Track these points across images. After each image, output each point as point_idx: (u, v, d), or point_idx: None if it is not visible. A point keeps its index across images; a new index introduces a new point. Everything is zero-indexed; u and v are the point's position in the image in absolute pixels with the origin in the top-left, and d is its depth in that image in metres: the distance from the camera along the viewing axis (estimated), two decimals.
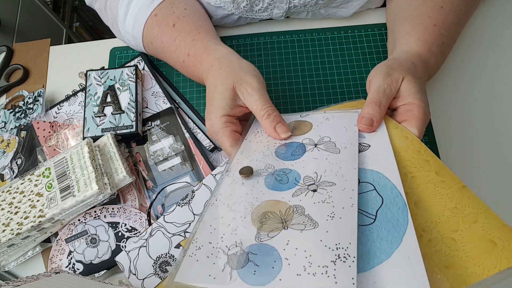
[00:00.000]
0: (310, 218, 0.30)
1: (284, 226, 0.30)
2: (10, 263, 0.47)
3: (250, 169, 0.36)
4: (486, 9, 0.57)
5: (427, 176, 0.31)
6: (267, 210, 0.32)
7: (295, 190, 0.33)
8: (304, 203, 0.31)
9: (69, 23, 1.41)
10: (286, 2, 0.52)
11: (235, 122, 0.41)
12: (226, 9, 0.53)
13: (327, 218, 0.29)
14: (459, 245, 0.26)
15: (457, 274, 0.25)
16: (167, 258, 0.43)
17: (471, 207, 0.28)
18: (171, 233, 0.44)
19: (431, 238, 0.28)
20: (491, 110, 0.51)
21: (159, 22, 0.49)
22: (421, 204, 0.30)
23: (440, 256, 0.26)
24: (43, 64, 0.61)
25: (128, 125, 0.50)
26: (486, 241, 0.26)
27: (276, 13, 0.55)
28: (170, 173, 0.50)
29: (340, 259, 0.26)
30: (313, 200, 0.31)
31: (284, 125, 0.39)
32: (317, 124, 0.40)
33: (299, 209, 0.31)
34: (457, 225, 0.27)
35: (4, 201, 0.47)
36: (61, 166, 0.47)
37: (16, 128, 0.55)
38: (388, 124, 0.37)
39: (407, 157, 0.33)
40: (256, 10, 0.54)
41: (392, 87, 0.37)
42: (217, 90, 0.41)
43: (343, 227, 0.28)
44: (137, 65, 0.55)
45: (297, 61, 0.56)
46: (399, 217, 0.28)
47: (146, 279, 0.43)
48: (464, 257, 0.26)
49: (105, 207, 0.48)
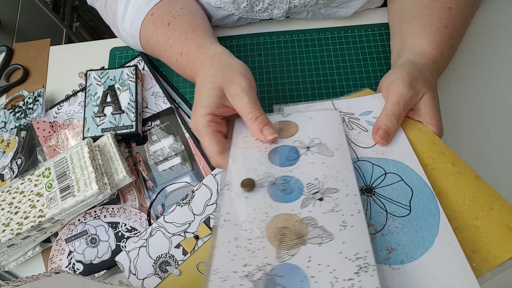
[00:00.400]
0: (324, 230, 0.29)
1: (301, 241, 0.29)
2: (10, 263, 0.47)
3: (251, 181, 0.33)
4: (490, 5, 0.57)
5: (445, 168, 0.32)
6: (281, 226, 0.30)
7: (302, 200, 0.32)
8: (314, 214, 0.30)
9: (69, 23, 1.41)
10: (286, 2, 0.52)
11: (219, 122, 0.40)
12: (226, 10, 0.53)
13: (340, 228, 0.28)
14: (481, 231, 0.28)
15: (483, 258, 0.27)
16: (167, 258, 0.43)
17: (487, 195, 0.30)
18: (171, 233, 0.44)
19: (457, 226, 0.29)
20: (495, 108, 0.51)
21: (155, 21, 0.49)
22: (443, 195, 0.31)
23: (467, 243, 0.28)
24: (43, 64, 0.61)
25: (128, 125, 0.50)
26: (503, 227, 0.28)
27: (276, 13, 0.55)
28: (170, 173, 0.50)
29: (362, 269, 0.25)
30: (322, 210, 0.30)
31: (271, 127, 0.37)
32: (302, 125, 0.39)
33: (312, 222, 0.30)
34: (477, 213, 0.29)
35: (4, 201, 0.47)
36: (61, 166, 0.47)
37: (16, 128, 0.55)
38: None
39: (423, 149, 0.33)
40: (256, 11, 0.54)
41: (413, 100, 0.36)
42: (204, 87, 0.40)
43: (356, 236, 0.27)
44: (137, 65, 0.55)
45: (297, 61, 0.56)
46: (431, 206, 0.29)
47: (146, 279, 0.43)
48: (487, 242, 0.28)
49: (105, 207, 0.48)
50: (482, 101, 0.52)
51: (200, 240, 0.44)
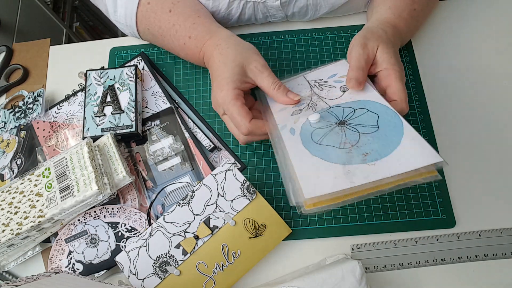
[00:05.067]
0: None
1: None
2: (10, 263, 0.47)
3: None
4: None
5: None
6: None
7: None
8: None
9: (69, 23, 1.40)
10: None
11: (243, 96, 0.45)
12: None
13: None
14: None
15: None
16: (167, 258, 0.43)
17: None
18: (171, 233, 0.44)
19: None
20: (489, 102, 0.51)
21: (155, 9, 0.52)
22: None
23: None
24: (43, 64, 0.61)
25: (128, 125, 0.50)
26: None
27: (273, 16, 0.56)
28: (170, 173, 0.50)
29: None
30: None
31: (293, 92, 0.44)
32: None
33: None
34: None
35: (4, 201, 0.47)
36: (61, 166, 0.47)
37: (15, 128, 0.55)
38: None
39: None
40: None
41: (369, 55, 0.44)
42: (227, 66, 0.45)
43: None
44: (137, 65, 0.55)
45: (297, 61, 0.56)
46: (395, 121, 0.37)
47: (146, 279, 0.43)
48: None
49: (105, 207, 0.48)
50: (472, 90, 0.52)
51: (200, 240, 0.44)
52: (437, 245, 0.45)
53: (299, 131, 0.41)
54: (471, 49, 0.55)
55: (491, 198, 0.47)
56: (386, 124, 0.38)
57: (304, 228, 0.47)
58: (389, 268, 0.45)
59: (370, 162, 0.35)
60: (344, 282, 0.41)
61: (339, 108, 0.42)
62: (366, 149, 0.36)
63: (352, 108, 0.41)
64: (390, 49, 0.44)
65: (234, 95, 0.43)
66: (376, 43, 0.44)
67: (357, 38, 0.46)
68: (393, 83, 0.42)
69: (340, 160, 0.36)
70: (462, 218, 0.46)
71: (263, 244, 0.44)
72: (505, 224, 0.46)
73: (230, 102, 0.43)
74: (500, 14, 0.58)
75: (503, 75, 0.53)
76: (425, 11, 0.53)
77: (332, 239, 0.47)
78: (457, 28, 0.57)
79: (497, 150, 0.49)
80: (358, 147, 0.36)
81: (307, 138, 0.40)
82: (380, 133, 0.37)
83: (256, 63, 0.44)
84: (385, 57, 0.43)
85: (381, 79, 0.44)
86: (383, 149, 0.35)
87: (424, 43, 0.56)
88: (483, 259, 0.45)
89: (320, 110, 0.43)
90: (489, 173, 0.48)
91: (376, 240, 0.46)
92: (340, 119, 0.40)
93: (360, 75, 0.43)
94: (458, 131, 0.51)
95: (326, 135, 0.39)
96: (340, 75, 0.46)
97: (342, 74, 0.46)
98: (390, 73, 0.43)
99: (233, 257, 0.43)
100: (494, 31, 0.56)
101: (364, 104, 0.41)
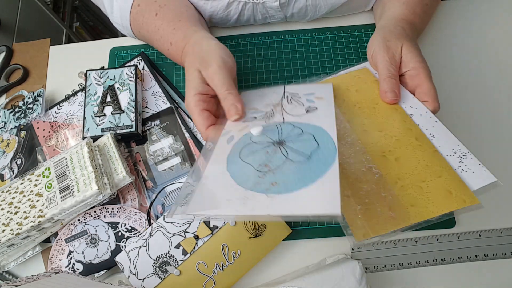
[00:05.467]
0: None
1: None
2: (10, 263, 0.47)
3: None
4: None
5: (408, 140, 0.39)
6: None
7: None
8: None
9: (69, 23, 1.40)
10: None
11: (207, 100, 0.43)
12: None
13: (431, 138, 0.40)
14: (424, 191, 0.35)
15: (418, 211, 0.34)
16: (167, 258, 0.43)
17: (439, 166, 0.36)
18: (171, 233, 0.44)
19: (403, 184, 0.36)
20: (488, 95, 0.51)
21: (143, 12, 0.52)
22: (401, 160, 0.38)
23: (408, 198, 0.35)
24: (43, 64, 0.61)
25: (128, 125, 0.50)
26: (445, 191, 0.34)
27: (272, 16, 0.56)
28: (170, 173, 0.50)
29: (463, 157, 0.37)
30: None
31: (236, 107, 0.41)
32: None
33: None
34: (426, 177, 0.36)
35: (4, 201, 0.47)
36: (61, 166, 0.47)
37: (15, 128, 0.55)
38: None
39: (395, 125, 0.41)
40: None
41: (395, 58, 0.42)
42: (188, 73, 0.44)
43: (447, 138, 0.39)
44: (137, 65, 0.55)
45: (297, 61, 0.56)
46: (329, 158, 0.34)
47: (146, 279, 0.43)
48: (427, 200, 0.34)
49: (105, 207, 0.48)
50: None
51: (200, 240, 0.44)
52: (437, 245, 0.45)
53: (236, 140, 0.40)
54: (471, 49, 0.56)
55: (491, 198, 0.47)
56: (318, 158, 0.35)
57: (304, 228, 0.47)
58: (389, 268, 0.45)
59: (270, 194, 0.33)
60: (344, 282, 0.41)
61: (289, 125, 0.40)
62: (277, 179, 0.34)
63: (301, 130, 0.39)
64: (414, 46, 0.43)
65: (195, 101, 0.42)
66: (399, 42, 0.43)
67: (376, 41, 0.44)
68: (423, 82, 0.41)
69: (247, 185, 0.34)
70: (462, 218, 0.46)
71: (263, 244, 0.44)
72: (505, 224, 0.46)
73: (191, 109, 0.43)
74: (500, 14, 0.58)
75: (503, 75, 0.53)
76: (434, 6, 0.52)
77: (332, 239, 0.47)
78: (457, 28, 0.57)
79: (497, 150, 0.49)
80: (273, 174, 0.35)
81: (236, 150, 0.39)
82: (307, 165, 0.35)
83: (209, 69, 0.42)
84: (411, 56, 0.42)
85: (410, 79, 0.42)
86: (293, 184, 0.33)
87: (424, 43, 0.56)
88: (483, 259, 0.45)
89: (272, 123, 0.41)
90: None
91: (376, 240, 0.46)
92: (280, 139, 0.39)
93: (395, 85, 0.41)
94: (458, 130, 0.50)
95: (254, 152, 0.38)
96: (317, 96, 0.44)
97: (318, 96, 0.44)
98: (419, 72, 0.41)
99: (233, 257, 0.43)
100: (494, 31, 0.56)
101: (315, 130, 0.39)
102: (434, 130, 0.39)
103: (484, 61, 0.55)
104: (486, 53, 0.55)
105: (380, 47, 0.43)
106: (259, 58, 0.57)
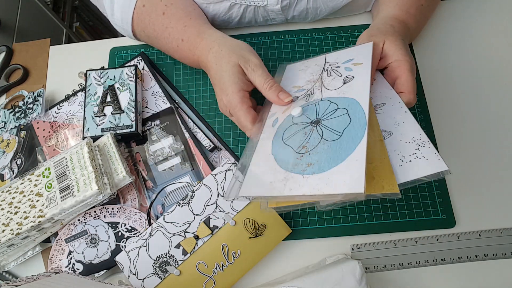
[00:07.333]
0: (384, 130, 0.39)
1: None
2: (10, 263, 0.47)
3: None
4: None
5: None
6: None
7: None
8: None
9: (69, 23, 1.40)
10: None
11: (248, 96, 0.44)
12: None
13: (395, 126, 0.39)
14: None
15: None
16: (167, 258, 0.43)
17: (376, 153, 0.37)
18: (171, 233, 0.44)
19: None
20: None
21: (149, 12, 0.52)
22: None
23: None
24: (43, 64, 0.61)
25: (128, 125, 0.50)
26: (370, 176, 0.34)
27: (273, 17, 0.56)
28: (170, 173, 0.50)
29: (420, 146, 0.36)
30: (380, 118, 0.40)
31: (285, 93, 0.43)
32: None
33: None
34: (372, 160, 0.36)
35: (4, 201, 0.47)
36: (61, 166, 0.47)
37: (16, 128, 0.55)
38: None
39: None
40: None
41: (376, 51, 0.43)
42: (223, 68, 0.44)
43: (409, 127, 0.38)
44: (137, 65, 0.55)
45: (297, 61, 0.56)
46: (358, 133, 0.35)
47: (146, 279, 0.43)
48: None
49: (105, 207, 0.48)
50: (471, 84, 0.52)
51: (200, 240, 0.44)
52: (437, 245, 0.45)
53: (280, 122, 0.41)
54: (471, 49, 0.55)
55: (491, 198, 0.47)
56: (349, 134, 0.36)
57: (304, 228, 0.47)
58: (389, 268, 0.45)
59: (306, 175, 0.34)
60: (344, 282, 0.41)
61: (326, 102, 0.41)
62: (312, 159, 0.35)
63: (336, 106, 0.40)
64: (399, 40, 0.43)
65: (240, 98, 0.43)
66: (382, 37, 0.44)
67: (363, 36, 0.46)
68: (402, 74, 0.42)
69: (287, 167, 0.36)
70: (462, 218, 0.46)
71: (263, 244, 0.44)
72: (505, 224, 0.46)
73: (236, 106, 0.43)
74: (500, 14, 0.58)
75: (504, 75, 0.53)
76: (431, 6, 0.53)
77: (332, 239, 0.47)
78: (457, 28, 0.57)
79: (497, 150, 0.49)
80: (309, 155, 0.36)
81: (280, 132, 0.40)
82: (338, 143, 0.36)
83: (250, 62, 0.44)
84: (395, 49, 0.43)
85: (392, 71, 0.43)
86: (326, 163, 0.34)
87: (424, 43, 0.56)
88: (483, 259, 0.45)
89: (311, 101, 0.42)
90: (489, 173, 0.48)
91: (376, 240, 0.46)
92: (317, 117, 0.39)
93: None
94: (458, 131, 0.51)
95: (295, 134, 0.39)
96: (355, 62, 0.44)
97: (357, 61, 0.44)
98: (400, 64, 0.42)
99: (233, 257, 0.43)
100: (494, 31, 0.56)
101: (349, 104, 0.39)
102: (400, 119, 0.39)
103: (484, 61, 0.54)
104: (486, 53, 0.55)
105: (363, 42, 0.44)
106: None
